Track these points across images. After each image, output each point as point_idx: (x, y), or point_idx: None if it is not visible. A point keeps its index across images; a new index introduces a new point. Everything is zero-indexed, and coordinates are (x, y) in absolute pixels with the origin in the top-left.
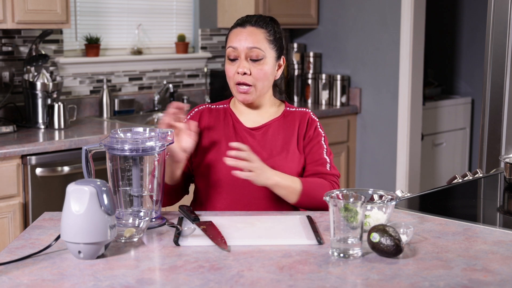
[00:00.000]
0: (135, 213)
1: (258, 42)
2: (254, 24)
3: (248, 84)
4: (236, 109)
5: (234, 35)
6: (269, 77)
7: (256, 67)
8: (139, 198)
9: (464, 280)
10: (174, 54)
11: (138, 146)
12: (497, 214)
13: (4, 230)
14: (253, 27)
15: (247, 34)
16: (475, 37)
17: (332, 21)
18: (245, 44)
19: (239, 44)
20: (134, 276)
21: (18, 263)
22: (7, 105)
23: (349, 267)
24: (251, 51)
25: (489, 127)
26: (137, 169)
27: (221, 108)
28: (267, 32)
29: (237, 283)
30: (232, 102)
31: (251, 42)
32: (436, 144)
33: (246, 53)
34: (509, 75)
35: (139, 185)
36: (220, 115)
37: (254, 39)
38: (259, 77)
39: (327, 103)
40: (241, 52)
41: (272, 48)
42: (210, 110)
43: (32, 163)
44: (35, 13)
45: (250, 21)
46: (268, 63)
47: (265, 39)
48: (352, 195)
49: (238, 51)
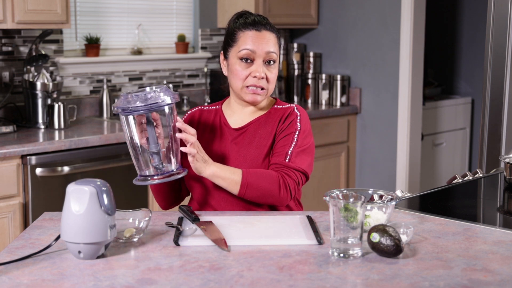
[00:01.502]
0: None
1: (274, 46)
2: (268, 29)
3: (263, 87)
4: (229, 110)
5: (250, 37)
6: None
7: (270, 71)
8: (159, 154)
9: (464, 280)
10: (174, 54)
11: (148, 103)
12: (497, 214)
13: (4, 230)
14: (268, 31)
15: (264, 38)
16: (475, 37)
17: (332, 21)
18: (265, 48)
19: (257, 48)
20: (134, 276)
21: (18, 263)
22: (7, 105)
23: (349, 267)
24: (269, 55)
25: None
26: (151, 126)
27: (213, 109)
28: (276, 36)
29: (237, 283)
30: (226, 103)
31: (270, 47)
32: (436, 144)
33: (264, 57)
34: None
35: (155, 141)
36: (211, 117)
37: (271, 43)
38: (272, 81)
39: (327, 103)
40: (259, 56)
41: (279, 51)
42: (201, 112)
43: (32, 163)
44: (35, 13)
45: (264, 25)
46: (277, 66)
47: (276, 43)
48: (352, 195)
49: (256, 54)
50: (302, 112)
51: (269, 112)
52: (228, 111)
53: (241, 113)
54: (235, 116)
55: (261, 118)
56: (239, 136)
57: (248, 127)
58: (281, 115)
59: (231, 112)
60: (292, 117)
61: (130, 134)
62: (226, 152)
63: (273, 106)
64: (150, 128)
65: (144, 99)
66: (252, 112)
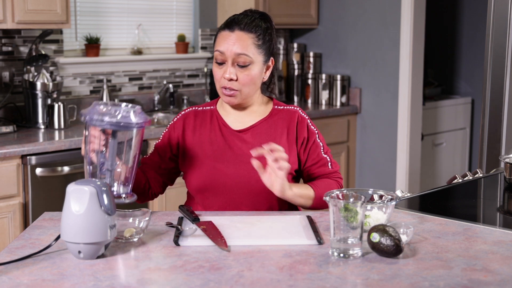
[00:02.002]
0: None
1: (246, 48)
2: (243, 29)
3: (233, 89)
4: (223, 110)
5: (222, 38)
6: (256, 81)
7: (243, 73)
8: (112, 172)
9: (464, 280)
10: (174, 54)
11: (118, 120)
12: (497, 214)
13: (4, 230)
14: (241, 31)
15: (235, 39)
16: (475, 37)
17: (332, 21)
18: (233, 50)
19: (226, 49)
20: (134, 276)
21: (18, 263)
22: (7, 105)
23: (349, 267)
24: (239, 57)
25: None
26: (114, 143)
27: (208, 110)
28: (255, 37)
29: (237, 283)
30: (219, 103)
31: (238, 48)
32: (436, 144)
33: (234, 58)
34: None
35: (114, 159)
36: (207, 117)
37: (241, 45)
38: (245, 83)
39: (327, 103)
40: (228, 58)
41: (260, 52)
42: (196, 113)
43: (32, 163)
44: (35, 13)
45: (239, 24)
46: (255, 68)
47: (253, 44)
48: (352, 195)
49: (225, 55)
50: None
51: (272, 113)
52: (223, 112)
53: (236, 114)
54: (231, 117)
55: (266, 120)
56: (243, 138)
57: (252, 129)
58: (288, 118)
59: (226, 113)
60: (305, 122)
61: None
62: (230, 153)
63: (274, 107)
64: (112, 145)
65: (116, 115)
66: (249, 113)
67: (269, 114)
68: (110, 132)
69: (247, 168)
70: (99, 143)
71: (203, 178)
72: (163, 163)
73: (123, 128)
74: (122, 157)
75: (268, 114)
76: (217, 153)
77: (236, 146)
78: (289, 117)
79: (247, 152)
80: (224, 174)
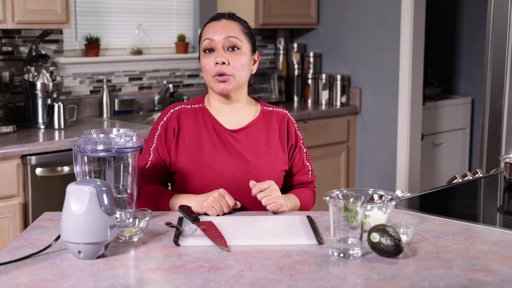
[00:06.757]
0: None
1: (235, 32)
2: (228, 18)
3: (227, 74)
4: (213, 109)
5: (209, 28)
6: (246, 68)
7: (234, 57)
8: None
9: (464, 280)
10: (174, 54)
11: (113, 146)
12: (497, 214)
13: (4, 230)
14: (227, 20)
15: (223, 25)
16: (475, 37)
17: (332, 21)
18: (222, 34)
19: (215, 35)
20: (134, 276)
21: (18, 263)
22: (7, 105)
23: (349, 267)
24: (228, 40)
25: (489, 127)
26: (111, 171)
27: (197, 108)
28: (241, 24)
29: (237, 283)
30: (207, 101)
31: (227, 32)
32: (436, 144)
33: (223, 43)
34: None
35: (113, 186)
36: (198, 116)
37: (230, 29)
38: (237, 67)
39: (327, 103)
40: (218, 43)
41: (248, 40)
42: (186, 111)
43: (32, 163)
44: (35, 13)
45: (224, 15)
46: (245, 53)
47: (240, 30)
48: (352, 195)
49: (215, 41)
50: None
51: (263, 114)
52: (213, 110)
53: (226, 112)
54: (221, 115)
55: (258, 120)
56: (237, 138)
57: (246, 129)
58: (279, 121)
59: (216, 112)
60: (294, 127)
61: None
62: (226, 153)
63: (262, 108)
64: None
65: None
66: (238, 112)
67: (260, 115)
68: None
69: (244, 168)
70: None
71: (201, 178)
72: (165, 173)
73: (118, 155)
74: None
75: (258, 114)
76: (214, 153)
77: (231, 146)
78: (279, 120)
79: (242, 153)
80: (222, 174)
